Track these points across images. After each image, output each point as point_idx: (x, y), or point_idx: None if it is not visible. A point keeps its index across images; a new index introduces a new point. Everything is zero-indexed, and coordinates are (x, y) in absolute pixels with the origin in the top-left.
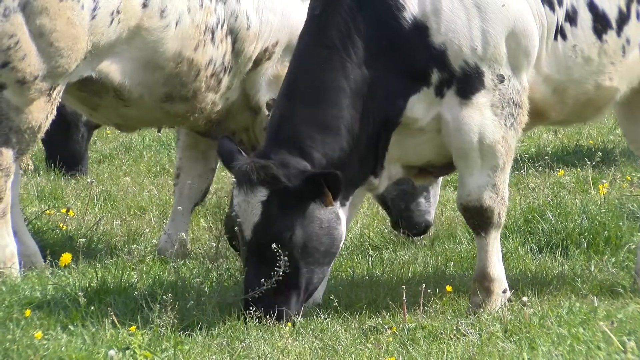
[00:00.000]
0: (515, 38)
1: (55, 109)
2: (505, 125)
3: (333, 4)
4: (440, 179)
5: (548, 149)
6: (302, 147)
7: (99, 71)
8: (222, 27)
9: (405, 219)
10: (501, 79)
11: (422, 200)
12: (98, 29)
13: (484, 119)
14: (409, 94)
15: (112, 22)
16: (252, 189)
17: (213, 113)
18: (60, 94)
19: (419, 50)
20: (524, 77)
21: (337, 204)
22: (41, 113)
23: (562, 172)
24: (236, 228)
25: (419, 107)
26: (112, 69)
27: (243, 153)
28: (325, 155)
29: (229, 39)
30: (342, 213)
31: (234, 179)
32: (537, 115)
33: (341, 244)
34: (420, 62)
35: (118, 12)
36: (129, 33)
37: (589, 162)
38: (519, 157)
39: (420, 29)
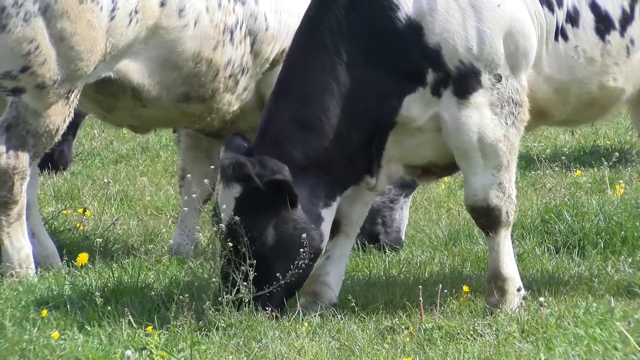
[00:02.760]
0: (512, 38)
1: (73, 111)
2: (506, 123)
3: (327, 5)
4: (409, 199)
5: (565, 149)
6: (283, 147)
7: (117, 71)
8: (240, 28)
9: (377, 234)
10: (498, 78)
11: (395, 217)
12: (117, 30)
13: (482, 118)
14: (404, 93)
15: (130, 22)
16: (229, 184)
17: (228, 114)
18: (78, 97)
19: (413, 50)
20: (522, 76)
21: (321, 204)
22: (59, 116)
23: (579, 172)
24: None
25: (415, 106)
26: (131, 69)
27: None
28: (307, 155)
29: (248, 40)
30: (326, 213)
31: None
32: (540, 115)
33: (323, 244)
34: (415, 62)
35: (136, 11)
36: (147, 32)
37: (605, 162)
38: (535, 157)
39: (415, 29)
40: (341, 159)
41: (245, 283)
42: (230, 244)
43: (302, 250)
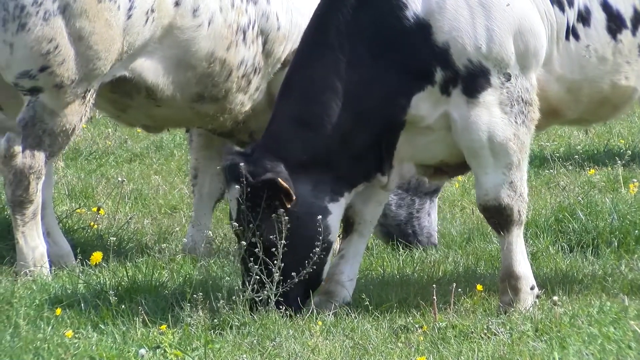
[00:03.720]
0: (522, 37)
1: (89, 110)
2: (516, 122)
3: (335, 4)
4: (436, 202)
5: (579, 148)
6: (283, 144)
7: (132, 70)
8: (253, 28)
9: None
10: (508, 77)
11: (425, 224)
12: (134, 29)
13: (492, 117)
14: (412, 92)
15: (146, 21)
16: (229, 185)
17: (241, 114)
18: (94, 96)
19: (421, 48)
20: (532, 75)
21: (326, 198)
22: (75, 116)
23: (592, 171)
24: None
25: (424, 105)
26: (145, 68)
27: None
28: (306, 152)
29: (260, 40)
30: (333, 207)
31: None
32: (552, 114)
33: (332, 235)
34: (423, 61)
35: (152, 10)
36: (162, 32)
37: (619, 161)
38: (549, 156)
39: (423, 27)
40: (346, 156)
41: (261, 282)
42: (240, 245)
43: (321, 242)
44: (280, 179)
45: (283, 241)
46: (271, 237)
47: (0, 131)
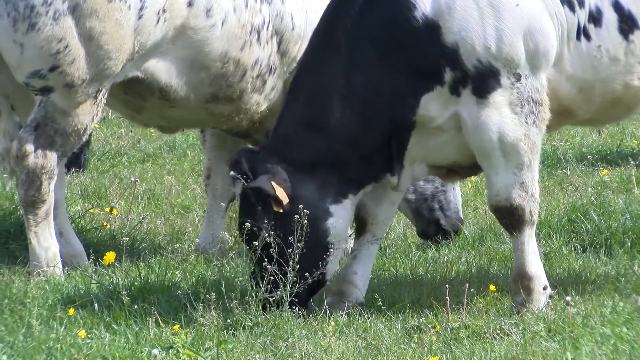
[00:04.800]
0: (532, 37)
1: (101, 111)
2: (527, 122)
3: (344, 4)
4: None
5: (591, 148)
6: (289, 146)
7: (145, 71)
8: (267, 28)
9: (438, 220)
10: (518, 77)
11: (451, 198)
12: (145, 29)
13: (502, 117)
14: (421, 92)
15: (158, 21)
16: (235, 184)
17: (256, 114)
18: (106, 96)
19: (430, 49)
20: (542, 75)
21: (329, 200)
22: (87, 116)
23: (605, 171)
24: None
25: (434, 105)
26: (158, 69)
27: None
28: (311, 154)
29: (275, 40)
30: (335, 209)
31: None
32: (564, 114)
33: (333, 237)
34: (432, 61)
35: (164, 10)
36: (175, 32)
37: (632, 162)
38: (562, 157)
39: (432, 28)
40: (354, 157)
41: (270, 282)
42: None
43: (325, 243)
44: (273, 182)
45: (294, 242)
46: (271, 237)
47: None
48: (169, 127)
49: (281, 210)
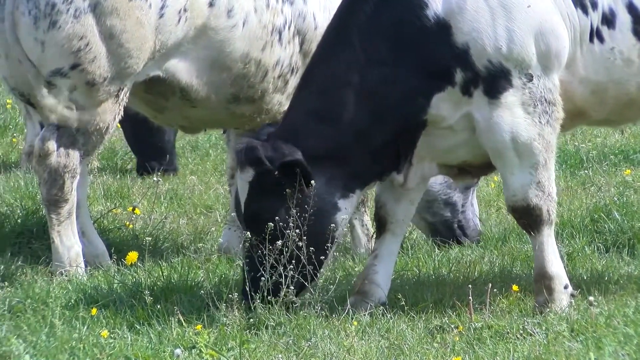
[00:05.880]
0: (543, 38)
1: (122, 110)
2: (540, 122)
3: (358, 1)
4: (474, 193)
5: (614, 148)
6: (299, 135)
7: (166, 70)
8: (289, 28)
9: (461, 226)
10: (530, 77)
11: (470, 216)
12: (166, 28)
13: (515, 117)
14: (432, 92)
15: (179, 20)
16: (243, 168)
17: (279, 114)
18: (127, 95)
19: (441, 49)
20: (554, 76)
21: (337, 193)
22: (109, 114)
23: (628, 171)
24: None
25: (445, 106)
26: (179, 68)
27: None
28: (321, 146)
29: (297, 40)
30: (343, 203)
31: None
32: (578, 115)
33: (338, 232)
34: (443, 61)
35: (185, 10)
36: (196, 32)
37: None
38: (584, 157)
39: (443, 27)
40: (363, 153)
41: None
42: (249, 233)
43: (319, 237)
44: (304, 163)
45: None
46: (279, 222)
47: None
48: (191, 127)
49: (309, 190)
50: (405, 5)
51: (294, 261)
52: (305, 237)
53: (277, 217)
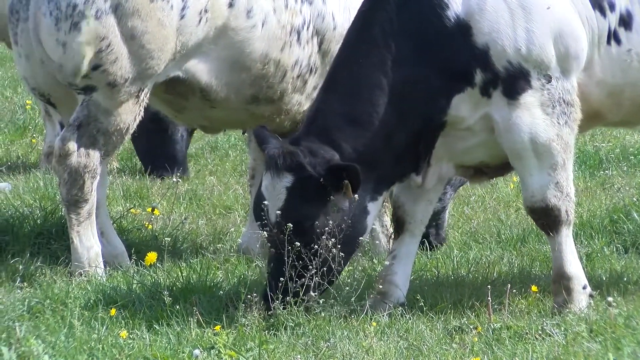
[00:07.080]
0: (562, 40)
1: (143, 110)
2: (559, 123)
3: (380, 1)
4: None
5: (633, 149)
6: (332, 139)
7: (186, 71)
8: (308, 28)
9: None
10: (548, 79)
11: (445, 217)
12: (187, 29)
13: (534, 118)
14: (452, 93)
15: (200, 21)
16: (279, 173)
17: (298, 114)
18: (148, 95)
19: (461, 49)
20: (573, 78)
21: (367, 197)
22: (129, 115)
23: None
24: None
25: (464, 106)
26: (199, 69)
27: (277, 137)
28: (355, 149)
29: (315, 40)
30: (372, 207)
31: (264, 162)
32: (594, 117)
33: (365, 236)
34: (463, 62)
35: (206, 10)
36: (216, 32)
37: None
38: (604, 157)
39: (463, 28)
40: (389, 155)
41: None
42: (281, 237)
43: (354, 242)
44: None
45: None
46: (318, 227)
47: None
48: (211, 128)
49: (355, 197)
50: (426, 5)
51: (322, 266)
52: (343, 240)
53: (318, 223)
